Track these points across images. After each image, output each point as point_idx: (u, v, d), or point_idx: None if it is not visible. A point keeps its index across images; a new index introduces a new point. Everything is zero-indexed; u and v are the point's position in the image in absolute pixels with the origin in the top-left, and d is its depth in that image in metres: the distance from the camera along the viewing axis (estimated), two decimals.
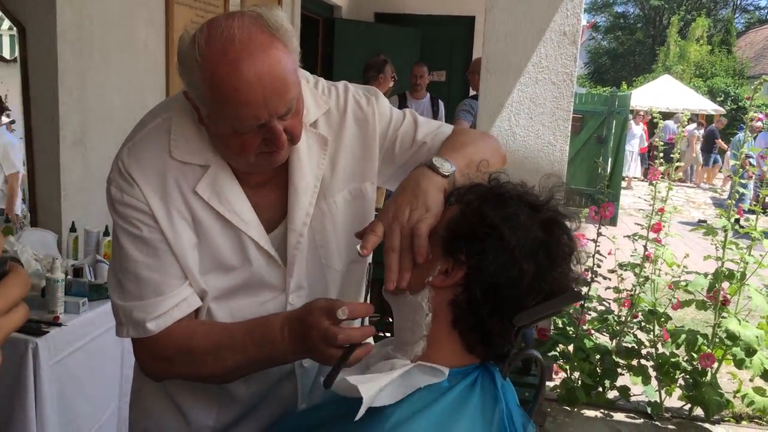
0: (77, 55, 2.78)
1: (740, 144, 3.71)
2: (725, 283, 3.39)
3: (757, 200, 3.68)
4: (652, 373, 3.41)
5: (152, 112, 1.15)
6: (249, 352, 1.05)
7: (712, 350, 3.32)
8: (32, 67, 2.69)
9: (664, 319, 3.43)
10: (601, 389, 3.45)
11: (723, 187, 12.62)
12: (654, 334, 3.46)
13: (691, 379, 3.35)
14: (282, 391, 1.22)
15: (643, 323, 3.49)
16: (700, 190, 14.60)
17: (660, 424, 3.37)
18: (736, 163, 3.56)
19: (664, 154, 3.64)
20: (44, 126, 2.71)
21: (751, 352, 3.21)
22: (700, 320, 4.65)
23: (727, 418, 3.44)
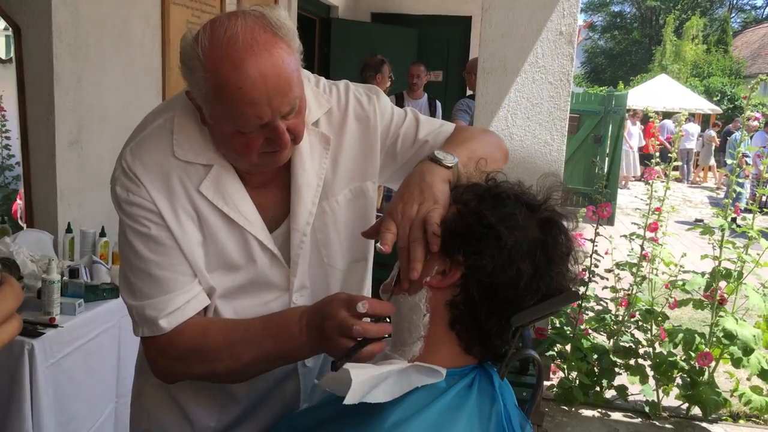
0: (73, 55, 2.77)
1: (737, 143, 3.72)
2: (722, 282, 3.40)
3: (754, 199, 3.68)
4: (649, 373, 3.41)
5: (154, 112, 1.14)
6: (265, 346, 1.04)
7: (709, 349, 3.32)
8: (28, 68, 2.68)
9: (662, 319, 3.44)
10: (598, 389, 3.46)
11: (719, 186, 12.62)
12: (651, 334, 3.47)
13: (689, 378, 3.35)
14: (284, 392, 1.21)
15: (641, 322, 3.49)
16: (697, 189, 14.62)
17: (657, 423, 3.37)
18: (733, 163, 3.57)
19: (661, 154, 3.64)
20: (40, 126, 2.70)
21: (749, 351, 3.22)
22: (698, 319, 4.65)
23: (725, 417, 3.44)
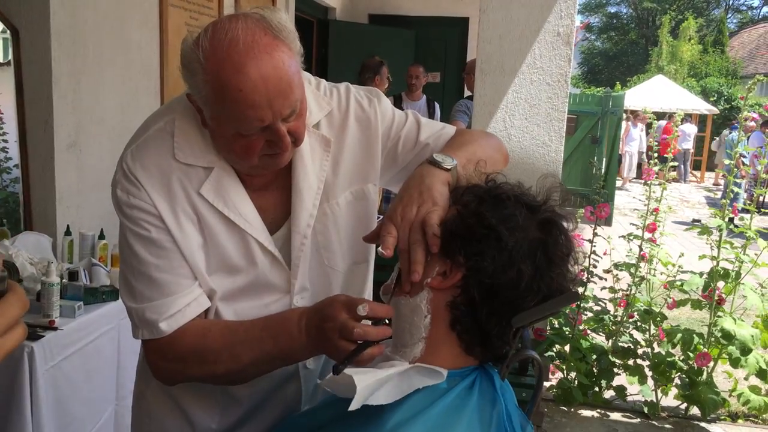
0: (71, 57, 2.77)
1: (734, 144, 3.73)
2: (720, 283, 3.40)
3: (752, 199, 3.69)
4: (648, 373, 3.42)
5: (155, 115, 1.14)
6: (265, 346, 1.05)
7: (707, 349, 3.33)
8: (26, 70, 2.67)
9: (660, 319, 3.44)
10: (597, 389, 3.46)
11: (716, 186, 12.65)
12: (650, 334, 3.47)
13: (687, 379, 3.36)
14: (285, 393, 1.21)
15: (639, 323, 3.50)
16: (694, 189, 14.65)
17: (656, 423, 3.38)
18: (731, 163, 3.58)
19: (659, 155, 3.65)
20: (38, 129, 2.70)
21: (747, 351, 3.23)
22: (696, 319, 4.66)
23: (723, 417, 3.45)
